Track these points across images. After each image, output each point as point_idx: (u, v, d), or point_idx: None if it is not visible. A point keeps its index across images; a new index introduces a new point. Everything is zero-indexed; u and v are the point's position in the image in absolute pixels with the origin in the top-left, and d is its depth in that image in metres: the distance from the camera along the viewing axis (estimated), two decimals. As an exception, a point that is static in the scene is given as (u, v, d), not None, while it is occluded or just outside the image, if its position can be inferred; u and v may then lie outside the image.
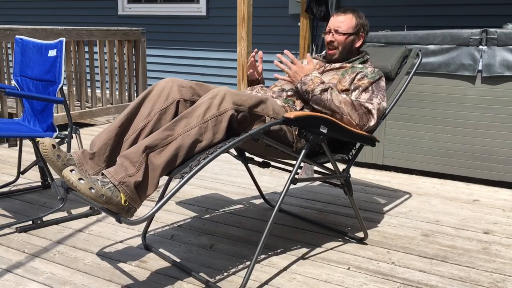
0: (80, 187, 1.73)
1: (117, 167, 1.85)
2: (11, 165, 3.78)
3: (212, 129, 1.95)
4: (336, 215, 2.93)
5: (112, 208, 1.79)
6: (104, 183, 1.79)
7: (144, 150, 1.87)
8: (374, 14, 5.16)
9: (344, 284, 2.14)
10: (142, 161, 1.85)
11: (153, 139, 1.90)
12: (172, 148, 1.89)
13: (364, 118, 2.30)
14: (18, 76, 3.03)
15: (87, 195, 1.73)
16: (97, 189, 1.75)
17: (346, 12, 2.54)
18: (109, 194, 1.77)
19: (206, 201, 3.12)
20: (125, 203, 1.80)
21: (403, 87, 2.64)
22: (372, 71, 2.43)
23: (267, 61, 5.91)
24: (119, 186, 1.80)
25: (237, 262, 2.32)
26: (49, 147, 1.94)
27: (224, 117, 1.96)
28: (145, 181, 1.86)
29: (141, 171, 1.84)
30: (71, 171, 1.75)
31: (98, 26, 5.84)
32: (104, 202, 1.76)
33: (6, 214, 2.82)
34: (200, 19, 6.36)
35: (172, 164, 1.90)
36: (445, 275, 2.23)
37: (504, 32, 3.27)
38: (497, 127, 3.39)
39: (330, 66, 2.55)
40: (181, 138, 1.91)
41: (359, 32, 2.54)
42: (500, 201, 3.20)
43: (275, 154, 2.36)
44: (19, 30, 4.31)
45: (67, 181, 1.75)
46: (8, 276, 2.16)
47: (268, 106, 2.15)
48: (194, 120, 1.94)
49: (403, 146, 3.70)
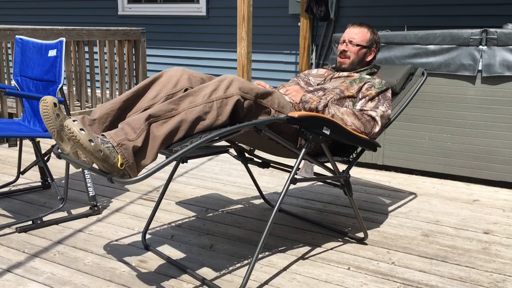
0: (80, 137, 1.70)
1: (117, 131, 1.83)
2: (11, 165, 3.78)
3: (217, 110, 1.93)
4: (336, 215, 2.93)
5: (106, 167, 1.76)
6: (104, 141, 1.76)
7: (147, 118, 1.85)
8: (374, 14, 5.16)
9: (344, 284, 2.14)
10: (144, 129, 1.83)
11: (157, 109, 1.88)
12: (174, 121, 1.87)
13: (368, 125, 2.35)
14: (18, 76, 3.03)
15: (85, 146, 1.70)
16: (96, 143, 1.72)
17: (361, 25, 2.64)
18: (107, 152, 1.74)
19: (206, 201, 3.12)
20: (121, 167, 1.77)
21: (407, 101, 2.67)
22: (380, 82, 2.49)
23: (267, 61, 5.92)
24: (117, 147, 1.77)
25: (237, 262, 2.32)
26: (50, 104, 1.93)
27: (229, 101, 1.95)
28: (144, 149, 1.83)
29: (141, 138, 1.82)
30: (74, 121, 1.73)
31: (98, 26, 5.84)
32: (101, 159, 1.73)
33: (6, 214, 2.82)
34: (200, 19, 6.36)
35: (172, 136, 1.88)
36: (445, 275, 2.23)
37: (504, 32, 3.27)
38: (497, 127, 3.39)
39: (338, 74, 2.63)
40: (184, 113, 1.89)
41: (372, 46, 2.65)
42: (500, 201, 3.20)
43: (275, 150, 2.37)
44: (19, 30, 4.31)
45: (68, 130, 1.72)
46: (8, 276, 2.16)
47: (274, 98, 2.14)
48: (200, 98, 1.93)
49: (403, 146, 3.71)
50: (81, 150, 1.72)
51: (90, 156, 1.73)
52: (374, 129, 2.36)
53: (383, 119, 2.39)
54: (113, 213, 2.89)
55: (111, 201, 3.07)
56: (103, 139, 1.77)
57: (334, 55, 3.93)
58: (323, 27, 5.50)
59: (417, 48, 3.55)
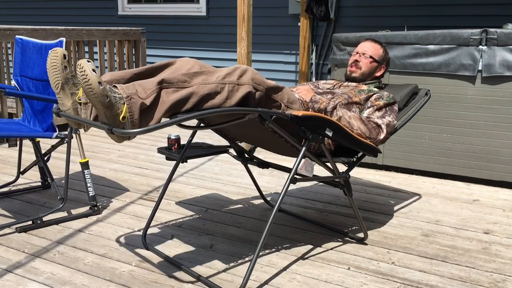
0: (91, 77, 1.68)
1: (129, 85, 1.82)
2: (11, 165, 3.78)
3: (227, 93, 1.94)
4: (336, 215, 2.93)
5: (108, 117, 1.74)
6: (112, 90, 1.75)
7: (159, 82, 1.84)
8: (374, 14, 5.16)
9: (344, 284, 2.14)
10: (155, 91, 1.82)
11: (170, 77, 1.88)
12: (185, 92, 1.87)
13: (373, 132, 2.40)
14: (18, 76, 3.03)
15: (93, 88, 1.68)
16: (104, 88, 1.70)
17: (375, 42, 2.76)
18: (113, 100, 1.73)
19: (206, 201, 3.12)
20: (123, 120, 1.75)
21: (410, 116, 2.71)
22: (388, 95, 2.55)
23: (267, 61, 5.92)
24: (126, 99, 1.76)
25: (237, 262, 2.32)
26: (60, 55, 1.93)
27: (241, 88, 1.97)
28: (150, 109, 1.82)
29: (150, 99, 1.81)
30: (88, 62, 1.71)
31: (98, 26, 5.84)
32: (106, 105, 1.71)
33: (6, 214, 2.82)
34: (200, 19, 6.36)
35: (180, 105, 1.87)
36: (445, 275, 2.23)
37: (504, 32, 3.27)
38: (497, 127, 3.39)
39: (347, 83, 2.69)
40: (196, 87, 1.89)
41: (382, 63, 2.74)
42: (500, 201, 3.20)
43: (277, 147, 2.37)
44: (19, 30, 4.31)
45: (80, 68, 1.70)
46: (8, 276, 2.16)
47: (284, 93, 2.17)
48: (213, 78, 1.94)
49: (403, 146, 3.71)
50: (88, 92, 1.70)
51: (95, 100, 1.71)
52: (379, 136, 2.41)
53: (388, 128, 2.44)
54: (113, 213, 2.89)
55: (111, 201, 3.07)
56: (112, 89, 1.76)
57: (334, 55, 3.93)
58: (323, 27, 5.50)
59: (417, 48, 3.55)
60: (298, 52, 5.65)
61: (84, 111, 1.92)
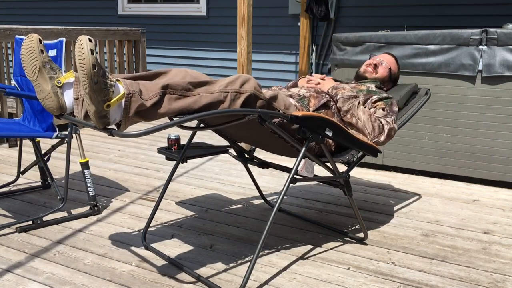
0: (86, 55, 1.66)
1: (134, 83, 1.81)
2: (11, 165, 3.78)
3: (230, 102, 1.95)
4: (336, 215, 2.93)
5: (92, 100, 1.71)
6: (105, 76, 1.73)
7: (164, 86, 1.84)
8: (374, 14, 5.16)
9: (344, 284, 2.14)
10: (157, 94, 1.82)
11: (175, 82, 1.88)
12: (188, 101, 1.88)
13: (376, 130, 2.41)
14: (18, 76, 3.03)
15: (85, 68, 1.66)
16: (97, 71, 1.68)
17: (397, 61, 2.89)
18: (101, 86, 1.70)
19: (206, 201, 3.12)
20: (107, 108, 1.73)
21: (409, 116, 2.71)
22: (387, 96, 2.58)
23: (267, 61, 5.92)
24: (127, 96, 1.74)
25: (237, 262, 2.32)
26: (36, 39, 1.91)
27: (242, 96, 1.98)
28: (149, 111, 1.81)
29: (151, 101, 1.80)
30: (90, 41, 1.69)
31: (98, 26, 5.84)
32: (92, 87, 1.69)
33: (6, 214, 2.82)
34: (200, 19, 6.36)
35: (183, 114, 1.88)
36: (445, 275, 2.23)
37: (504, 32, 3.27)
38: (497, 127, 3.39)
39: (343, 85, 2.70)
40: (199, 96, 1.90)
41: (393, 80, 2.86)
42: (500, 201, 3.20)
43: (277, 147, 2.37)
44: (19, 30, 4.32)
45: (79, 43, 1.68)
46: (8, 276, 2.16)
47: (280, 100, 2.19)
48: (216, 87, 1.95)
49: (403, 146, 3.71)
50: (80, 70, 1.68)
51: (85, 79, 1.68)
52: (380, 136, 2.42)
53: (389, 132, 2.45)
54: (113, 213, 2.89)
55: (111, 201, 3.07)
56: (105, 74, 1.74)
57: (334, 55, 3.93)
58: (323, 27, 5.50)
59: (417, 48, 3.55)
60: (298, 52, 5.66)
61: (76, 106, 1.92)
